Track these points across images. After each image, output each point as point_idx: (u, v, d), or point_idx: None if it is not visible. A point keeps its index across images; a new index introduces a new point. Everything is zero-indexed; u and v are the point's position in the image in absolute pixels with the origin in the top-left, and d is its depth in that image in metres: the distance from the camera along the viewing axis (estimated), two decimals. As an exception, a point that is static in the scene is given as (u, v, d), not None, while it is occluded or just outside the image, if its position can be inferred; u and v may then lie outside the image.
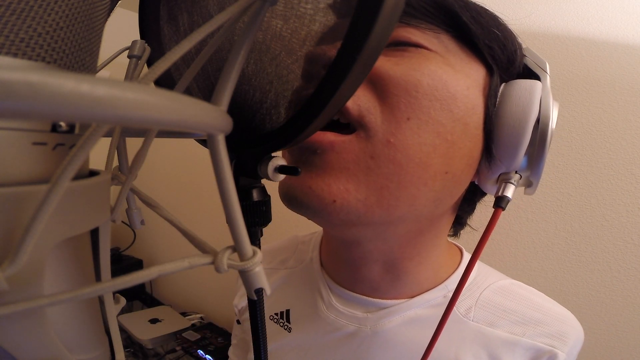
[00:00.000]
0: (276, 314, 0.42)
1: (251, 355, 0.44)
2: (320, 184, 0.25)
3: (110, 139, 0.18)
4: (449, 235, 0.38)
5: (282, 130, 0.18)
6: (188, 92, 0.24)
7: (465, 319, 0.35)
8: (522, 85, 0.27)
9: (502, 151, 0.27)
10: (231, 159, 0.19)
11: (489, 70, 0.28)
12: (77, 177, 0.14)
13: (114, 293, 0.19)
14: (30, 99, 0.06)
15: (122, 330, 1.06)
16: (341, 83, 0.14)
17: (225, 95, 0.13)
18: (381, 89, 0.25)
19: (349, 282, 0.38)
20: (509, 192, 0.27)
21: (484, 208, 0.37)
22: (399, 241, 0.32)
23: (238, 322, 0.51)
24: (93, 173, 0.16)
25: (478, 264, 0.38)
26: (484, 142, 0.28)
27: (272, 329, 0.42)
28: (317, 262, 0.42)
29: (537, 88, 0.26)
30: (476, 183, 0.32)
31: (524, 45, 0.31)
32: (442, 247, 0.36)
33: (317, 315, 0.39)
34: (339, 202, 0.25)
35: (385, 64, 0.25)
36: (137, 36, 0.23)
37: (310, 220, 0.29)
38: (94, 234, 0.16)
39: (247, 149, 0.20)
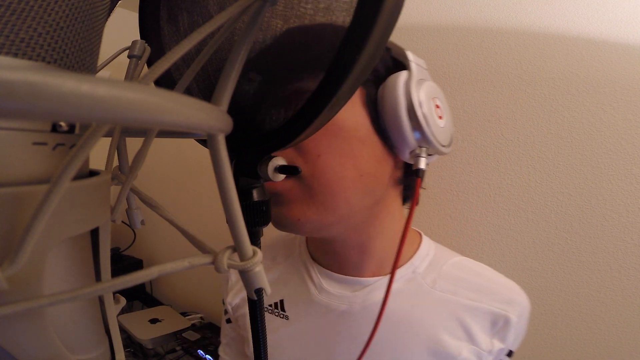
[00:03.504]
0: (270, 305, 0.46)
1: (250, 350, 0.46)
2: (287, 212, 0.36)
3: (110, 139, 0.18)
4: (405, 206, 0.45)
5: (283, 130, 0.18)
6: (188, 92, 0.24)
7: (433, 290, 0.42)
8: (389, 84, 0.33)
9: (396, 140, 0.34)
10: (231, 158, 0.19)
11: (364, 83, 0.35)
12: (77, 177, 0.14)
13: (114, 293, 0.19)
14: (31, 99, 0.06)
15: (122, 330, 1.06)
16: (341, 85, 0.14)
17: (226, 95, 0.13)
18: None
19: (336, 267, 0.44)
20: (421, 164, 0.34)
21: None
22: (362, 226, 0.40)
23: (228, 321, 0.53)
24: (93, 173, 0.15)
25: (436, 245, 0.47)
26: (382, 139, 0.36)
27: (268, 319, 0.45)
28: (306, 253, 0.48)
29: (399, 81, 0.33)
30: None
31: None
32: (398, 224, 0.43)
33: (311, 300, 0.44)
34: (302, 219, 0.35)
35: None
36: (137, 36, 0.23)
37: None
38: (94, 234, 0.16)
39: (247, 149, 0.20)
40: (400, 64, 0.35)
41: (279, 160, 0.20)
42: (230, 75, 0.13)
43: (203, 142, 0.23)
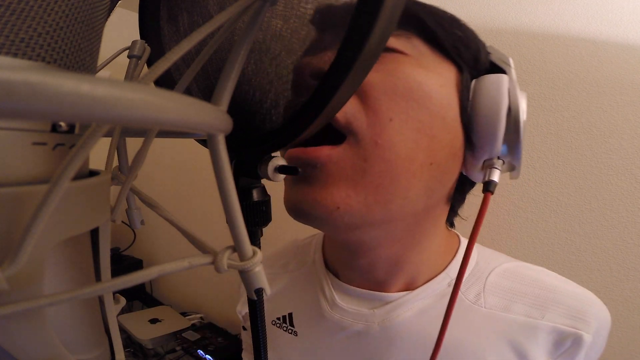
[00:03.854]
0: (278, 319, 0.42)
1: None
2: (324, 195, 0.27)
3: (110, 139, 0.18)
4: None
5: (283, 130, 0.18)
6: (188, 92, 0.24)
7: (477, 306, 0.34)
8: (490, 79, 0.29)
9: (481, 139, 0.29)
10: (231, 158, 0.19)
11: (459, 69, 0.30)
12: (77, 177, 0.14)
13: (114, 293, 0.19)
14: (30, 99, 0.06)
15: (122, 330, 1.06)
16: (341, 83, 0.14)
17: (225, 95, 0.13)
18: (364, 95, 0.27)
19: (355, 279, 0.38)
20: (495, 176, 0.29)
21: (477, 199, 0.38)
22: (400, 235, 0.33)
23: (244, 328, 0.51)
24: (93, 173, 0.15)
25: (478, 249, 0.39)
26: (464, 133, 0.30)
27: (276, 334, 0.42)
28: (321, 262, 0.42)
29: (504, 80, 0.28)
30: (464, 174, 0.33)
31: (487, 43, 0.33)
32: (440, 236, 0.37)
33: (322, 316, 0.38)
34: (342, 207, 0.27)
35: None
36: (137, 36, 0.23)
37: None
38: (94, 234, 0.16)
39: (247, 149, 0.20)
40: (498, 69, 0.30)
41: (279, 160, 0.20)
42: (230, 75, 0.13)
43: (203, 142, 0.23)
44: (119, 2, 0.18)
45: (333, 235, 0.37)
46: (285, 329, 0.41)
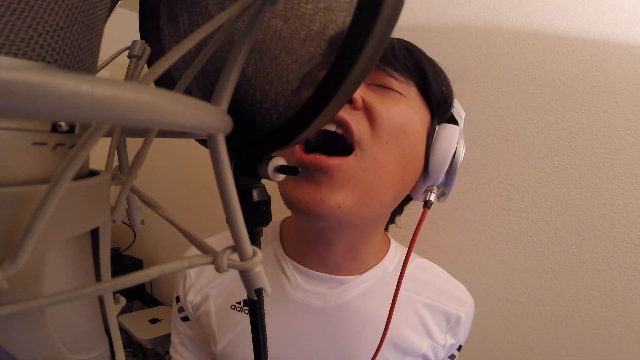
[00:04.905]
0: (238, 303, 0.46)
1: (218, 347, 0.45)
2: (330, 197, 0.35)
3: (110, 139, 0.18)
4: None
5: (282, 130, 0.18)
6: (188, 92, 0.24)
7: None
8: (449, 129, 0.40)
9: (433, 171, 0.40)
10: (231, 158, 0.19)
11: (432, 116, 0.41)
12: (77, 177, 0.14)
13: (114, 293, 0.19)
14: (31, 99, 0.06)
15: (122, 330, 1.06)
16: (339, 87, 0.14)
17: (226, 95, 0.13)
18: (373, 120, 0.36)
19: (314, 264, 0.45)
20: (432, 198, 0.40)
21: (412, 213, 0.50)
22: (362, 229, 0.42)
23: (185, 319, 0.51)
24: (93, 173, 0.16)
25: (400, 247, 0.51)
26: (424, 164, 0.40)
27: (235, 317, 0.45)
28: (280, 249, 0.48)
29: (457, 133, 0.40)
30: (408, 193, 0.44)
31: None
32: (381, 235, 0.48)
33: (285, 297, 0.44)
34: (342, 207, 0.35)
35: (376, 101, 0.37)
36: (137, 36, 0.23)
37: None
38: (94, 234, 0.16)
39: (247, 149, 0.20)
40: (454, 120, 0.41)
41: (279, 160, 0.20)
42: (230, 75, 0.13)
43: (203, 142, 0.23)
44: (119, 2, 0.18)
45: (319, 226, 0.43)
46: (245, 312, 0.45)
